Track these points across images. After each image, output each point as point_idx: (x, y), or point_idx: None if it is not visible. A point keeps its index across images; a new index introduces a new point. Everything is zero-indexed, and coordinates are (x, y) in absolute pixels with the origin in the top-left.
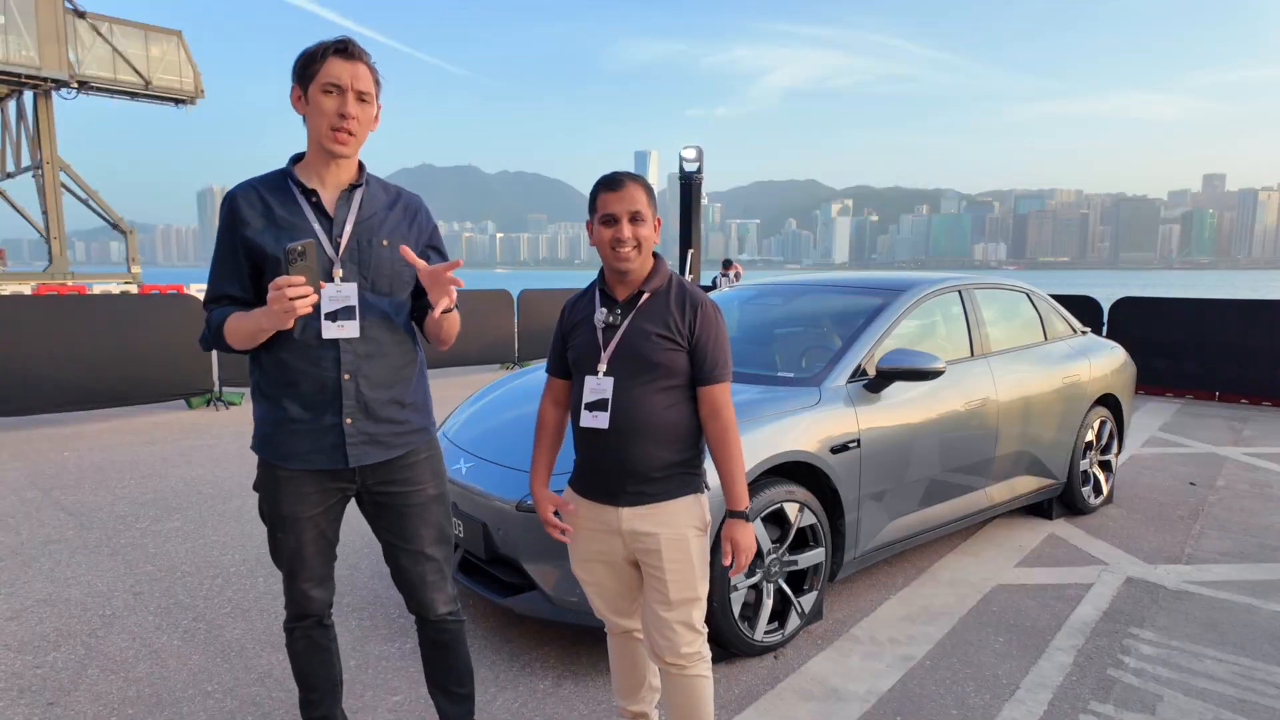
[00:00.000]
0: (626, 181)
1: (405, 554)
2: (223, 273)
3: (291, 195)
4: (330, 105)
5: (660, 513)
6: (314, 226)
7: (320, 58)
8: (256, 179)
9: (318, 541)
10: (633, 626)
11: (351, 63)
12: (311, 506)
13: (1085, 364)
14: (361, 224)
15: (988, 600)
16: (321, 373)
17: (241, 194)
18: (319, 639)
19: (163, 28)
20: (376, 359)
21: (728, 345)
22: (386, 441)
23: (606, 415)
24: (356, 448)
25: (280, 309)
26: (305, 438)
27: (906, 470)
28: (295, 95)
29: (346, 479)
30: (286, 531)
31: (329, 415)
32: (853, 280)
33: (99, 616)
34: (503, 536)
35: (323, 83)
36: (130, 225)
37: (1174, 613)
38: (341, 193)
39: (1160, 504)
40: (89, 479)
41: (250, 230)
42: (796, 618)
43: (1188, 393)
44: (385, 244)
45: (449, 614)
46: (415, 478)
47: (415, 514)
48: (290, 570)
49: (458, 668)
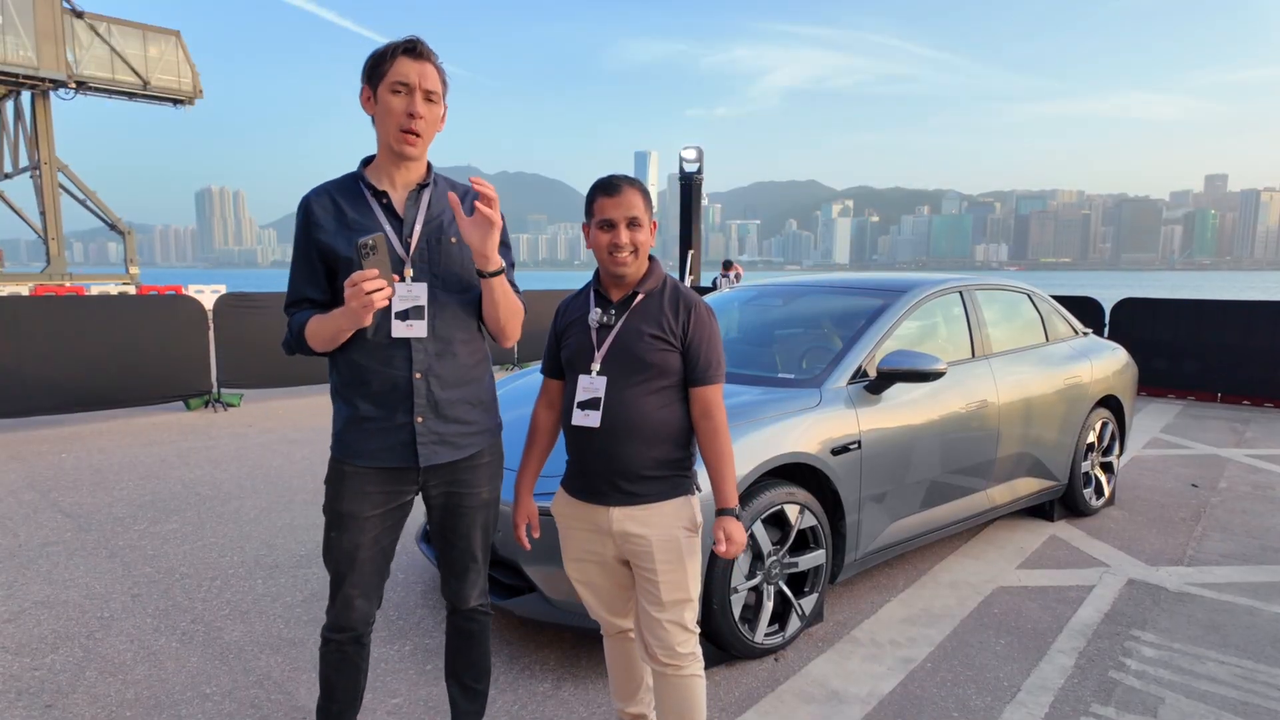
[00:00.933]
0: (624, 186)
1: (454, 549)
2: (300, 276)
3: (362, 197)
4: (399, 105)
5: (651, 514)
6: (384, 227)
7: (389, 58)
8: (330, 183)
9: (372, 546)
10: (627, 626)
11: (420, 62)
12: (372, 506)
13: (1087, 365)
14: (430, 223)
15: (989, 602)
16: (393, 372)
17: (315, 198)
18: (353, 655)
19: (161, 28)
20: (446, 358)
21: (720, 347)
22: (456, 442)
23: (598, 414)
24: (427, 447)
25: (358, 304)
26: (376, 435)
27: (907, 472)
28: (365, 96)
29: (410, 480)
30: (343, 530)
31: (400, 414)
32: (853, 281)
33: (97, 619)
34: (502, 539)
35: (391, 82)
36: (128, 226)
37: (1176, 615)
38: (410, 193)
39: (1162, 506)
40: (87, 480)
41: (323, 233)
42: (797, 620)
43: (1189, 394)
44: (454, 242)
45: (479, 606)
46: (475, 480)
47: (468, 516)
48: (339, 573)
49: (479, 661)
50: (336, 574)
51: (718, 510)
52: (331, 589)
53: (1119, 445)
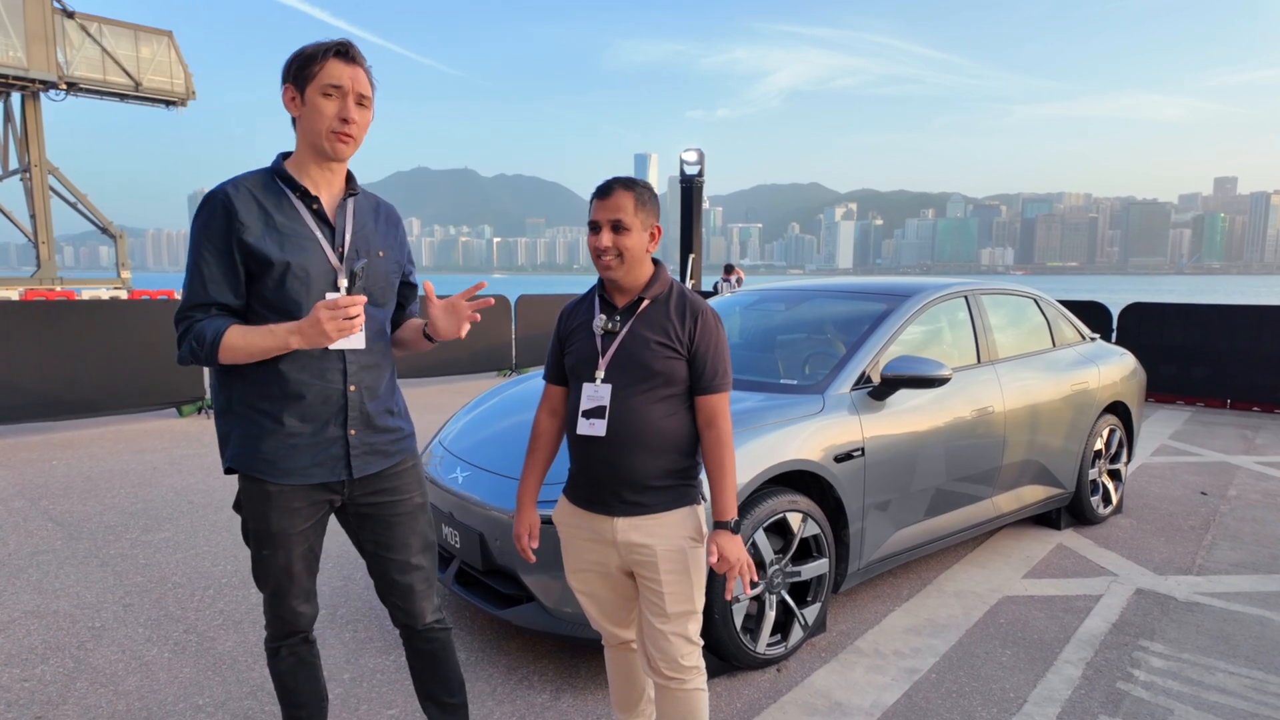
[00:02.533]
0: (615, 189)
1: (394, 565)
2: (214, 278)
3: (287, 198)
4: (331, 108)
5: (656, 524)
6: (316, 235)
7: (320, 59)
8: (243, 177)
9: (306, 557)
10: (629, 637)
11: (352, 66)
12: (301, 521)
13: (1094, 371)
14: (358, 234)
15: (995, 612)
16: (327, 385)
17: (234, 193)
18: (305, 655)
19: (153, 28)
20: (374, 369)
21: (728, 355)
22: (385, 450)
23: (604, 423)
24: (360, 458)
25: (333, 329)
26: (305, 451)
27: (912, 479)
28: (289, 96)
29: (335, 490)
30: (275, 548)
31: (332, 427)
32: (857, 285)
33: (88, 628)
34: (500, 547)
35: (323, 85)
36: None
37: (1185, 625)
38: (338, 201)
39: (1170, 514)
40: (78, 488)
41: (250, 235)
42: (800, 630)
43: (1198, 400)
44: (381, 254)
45: (435, 622)
46: (402, 486)
47: (402, 523)
48: (277, 588)
49: (448, 677)
50: (275, 590)
51: (715, 523)
52: (270, 604)
53: (1127, 452)
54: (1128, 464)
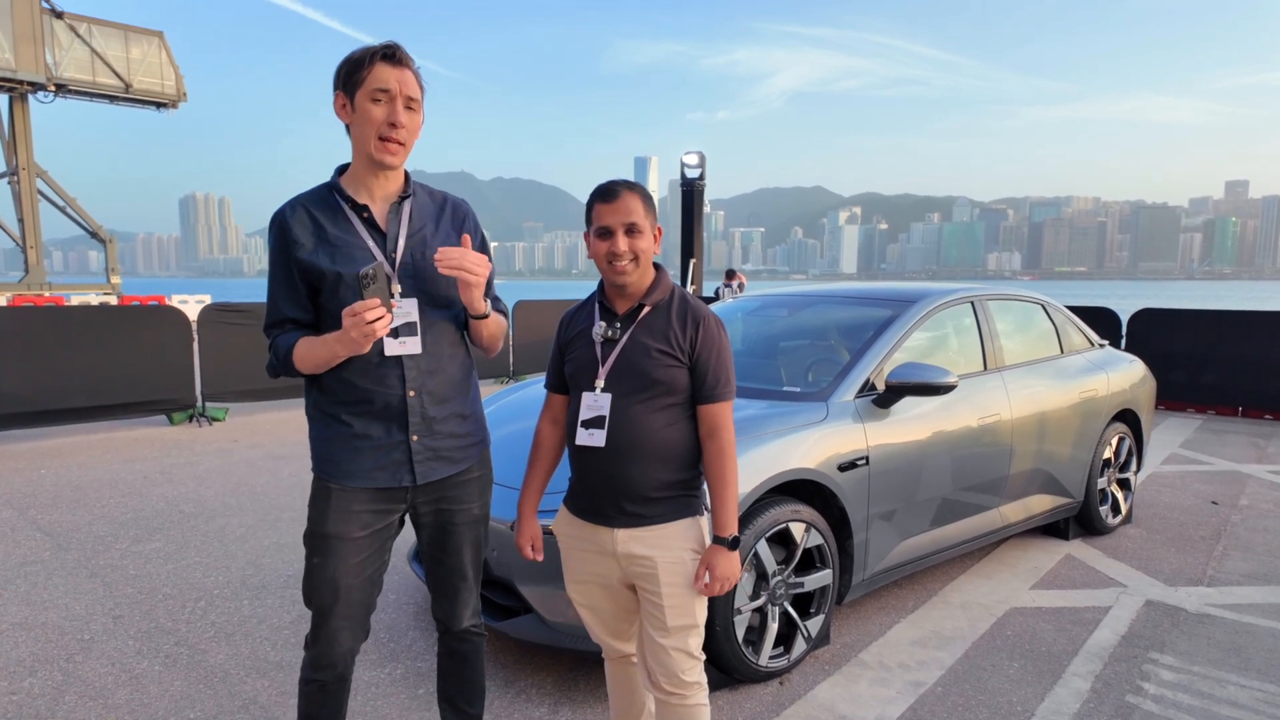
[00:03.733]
0: (622, 191)
1: (444, 568)
2: (281, 296)
3: (341, 211)
4: (379, 114)
5: (657, 535)
6: (368, 243)
7: (367, 64)
8: (303, 195)
9: (358, 573)
10: (630, 651)
11: (399, 69)
12: (359, 527)
13: (1103, 378)
14: (414, 236)
15: (1002, 624)
16: (387, 391)
17: (290, 213)
18: (335, 693)
19: (144, 28)
20: (438, 373)
21: (731, 363)
22: (451, 456)
23: (603, 433)
24: (424, 464)
25: (359, 335)
26: (370, 454)
27: (917, 489)
28: (340, 103)
29: (399, 499)
30: (327, 554)
31: (395, 432)
32: (861, 291)
33: (77, 641)
34: (497, 558)
35: (371, 90)
36: (110, 233)
37: (1195, 637)
38: (391, 206)
39: (1181, 524)
40: (66, 497)
41: (303, 251)
42: (803, 642)
43: (1209, 408)
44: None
45: (472, 627)
46: (465, 496)
47: (459, 533)
48: (323, 606)
49: (473, 683)
50: (321, 608)
51: (714, 538)
52: (314, 624)
53: (1136, 461)
54: (1137, 473)
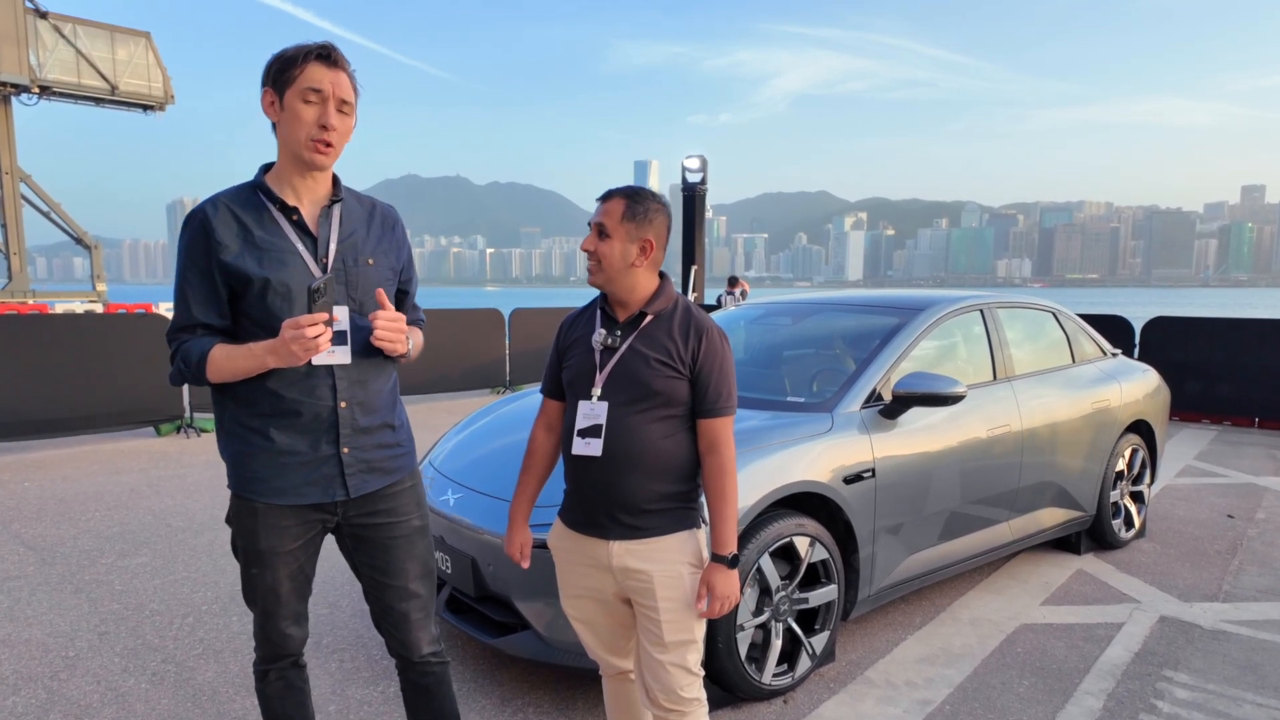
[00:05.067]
0: (613, 195)
1: (389, 590)
2: (195, 299)
3: (267, 212)
4: (310, 114)
5: (653, 548)
6: (298, 247)
7: (300, 62)
8: (224, 194)
9: (295, 577)
10: (627, 667)
11: (334, 70)
12: (291, 540)
13: (1115, 388)
14: (344, 242)
15: (1011, 641)
16: (317, 402)
17: (212, 212)
18: (294, 680)
19: (130, 29)
20: (368, 383)
21: (733, 377)
22: (383, 467)
23: (600, 442)
24: (355, 477)
25: (299, 349)
26: (297, 470)
27: (925, 502)
28: (268, 100)
29: (329, 510)
30: (263, 567)
31: (325, 445)
32: (867, 298)
33: (62, 658)
34: (493, 573)
35: (303, 89)
36: (95, 240)
37: (1210, 654)
38: (321, 209)
39: (1196, 538)
40: (51, 511)
41: (228, 254)
42: (807, 659)
43: (1225, 419)
44: (370, 263)
45: (433, 654)
46: (399, 508)
47: (400, 546)
48: (266, 609)
49: (443, 713)
50: (264, 611)
51: (712, 555)
52: (259, 625)
53: (1150, 473)
54: (1151, 486)
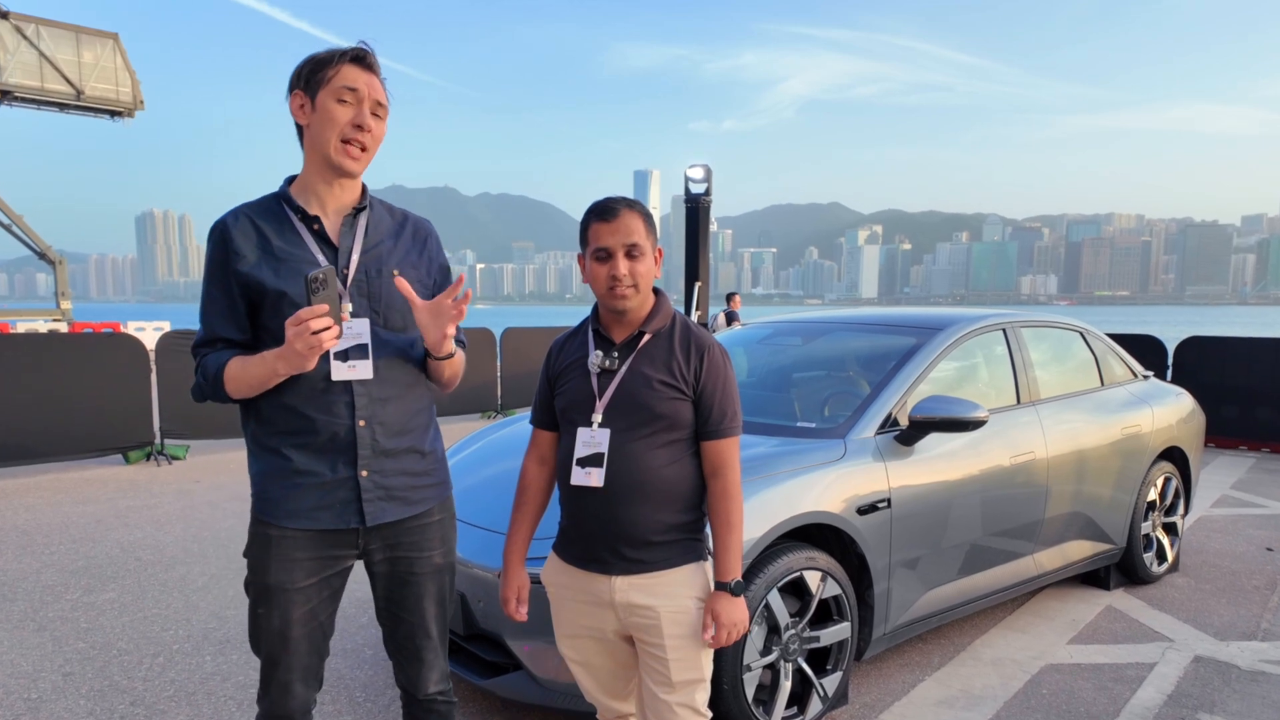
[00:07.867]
0: (621, 209)
1: (402, 624)
2: (215, 313)
3: (289, 222)
4: (345, 114)
5: (658, 583)
6: (317, 257)
7: (335, 63)
8: (248, 205)
9: (307, 622)
10: (628, 711)
11: (368, 73)
12: (303, 576)
13: (1147, 413)
14: (369, 252)
15: (1036, 682)
16: (333, 420)
17: (233, 223)
18: None
19: (97, 30)
20: (392, 403)
21: (736, 395)
22: (405, 496)
23: (602, 471)
24: (373, 504)
25: (303, 346)
26: (311, 492)
27: (944, 534)
28: (298, 103)
29: (348, 544)
30: (271, 605)
31: (341, 467)
32: (882, 317)
33: (23, 700)
34: (484, 609)
35: (338, 88)
36: (60, 254)
37: (1249, 696)
38: (345, 218)
39: (1233, 572)
40: (12, 543)
41: (244, 264)
42: (818, 701)
43: (1264, 445)
44: (396, 274)
45: (439, 693)
46: (423, 543)
47: (418, 584)
48: (271, 656)
49: None
50: (269, 658)
51: (716, 583)
52: (264, 675)
53: (1184, 504)
54: (1185, 516)
